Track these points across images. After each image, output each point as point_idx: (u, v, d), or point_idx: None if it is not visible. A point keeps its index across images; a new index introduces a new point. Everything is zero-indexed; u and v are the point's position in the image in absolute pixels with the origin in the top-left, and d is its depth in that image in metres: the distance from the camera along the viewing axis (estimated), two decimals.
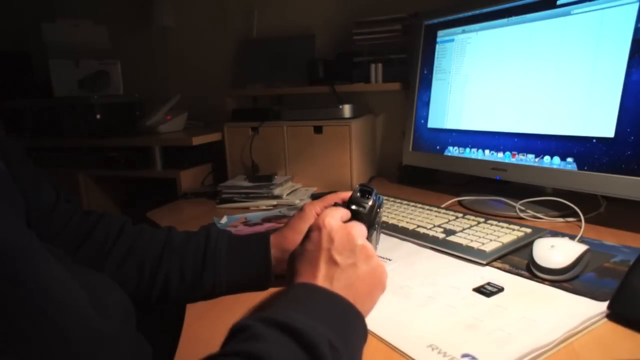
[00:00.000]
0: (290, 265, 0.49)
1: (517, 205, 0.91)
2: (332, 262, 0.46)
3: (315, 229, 0.49)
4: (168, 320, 0.63)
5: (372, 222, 0.55)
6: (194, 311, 0.59)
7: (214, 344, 0.50)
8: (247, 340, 0.35)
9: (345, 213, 0.53)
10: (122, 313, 0.50)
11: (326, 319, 0.39)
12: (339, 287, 0.44)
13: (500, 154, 0.98)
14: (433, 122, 1.16)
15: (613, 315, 0.50)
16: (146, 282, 0.60)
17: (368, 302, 0.47)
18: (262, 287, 0.62)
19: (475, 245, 0.71)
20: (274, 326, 0.36)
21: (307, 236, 0.49)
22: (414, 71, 1.21)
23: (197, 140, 1.33)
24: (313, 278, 0.45)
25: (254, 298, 0.60)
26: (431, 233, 0.78)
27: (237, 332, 0.37)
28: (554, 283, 0.59)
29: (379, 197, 0.57)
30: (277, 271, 0.62)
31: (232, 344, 0.36)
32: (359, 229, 0.49)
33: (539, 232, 0.76)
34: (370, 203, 0.55)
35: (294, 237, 0.61)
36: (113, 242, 0.61)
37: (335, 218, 0.49)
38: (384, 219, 0.87)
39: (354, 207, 0.55)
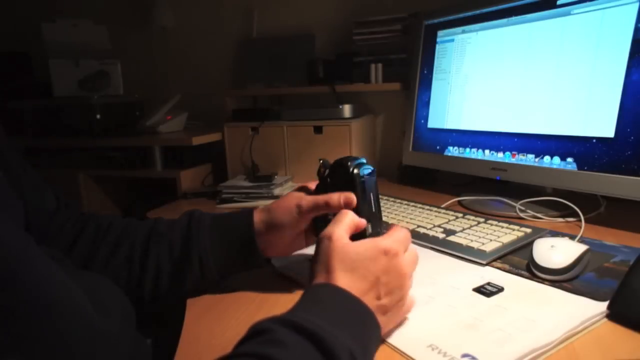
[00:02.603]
0: (321, 264, 0.47)
1: (517, 205, 0.91)
2: (376, 295, 0.45)
3: (383, 250, 0.46)
4: (168, 320, 0.63)
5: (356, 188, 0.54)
6: (194, 311, 0.59)
7: (214, 344, 0.51)
8: (266, 343, 0.35)
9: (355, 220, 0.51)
10: (121, 313, 0.50)
11: (349, 327, 0.39)
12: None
13: (500, 154, 0.98)
14: (433, 122, 1.16)
15: (613, 315, 0.50)
16: (137, 271, 0.59)
17: (386, 328, 0.47)
18: (250, 260, 0.60)
19: (475, 245, 0.71)
20: (296, 331, 0.36)
21: (370, 248, 0.47)
22: (414, 71, 1.21)
23: (197, 140, 1.33)
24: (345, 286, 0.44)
25: (254, 298, 0.61)
26: (431, 233, 0.78)
27: (256, 333, 0.36)
28: (554, 283, 0.59)
29: (363, 170, 0.55)
30: (264, 246, 0.60)
31: (250, 345, 0.36)
32: (412, 267, 0.49)
33: (539, 232, 0.76)
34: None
35: (278, 204, 0.60)
36: (103, 236, 0.60)
37: (403, 245, 0.48)
38: (384, 219, 0.86)
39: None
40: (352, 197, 0.55)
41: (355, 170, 0.55)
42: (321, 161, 0.58)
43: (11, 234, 0.37)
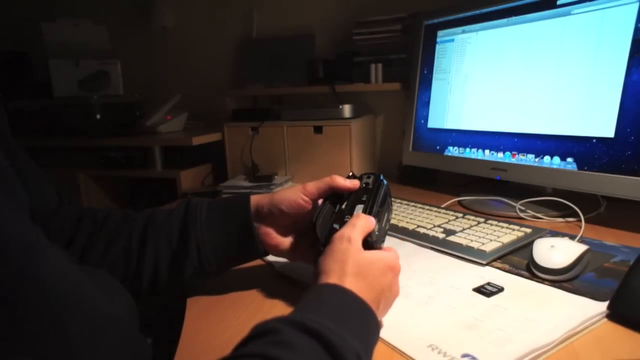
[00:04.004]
0: (337, 263, 0.47)
1: (517, 205, 0.91)
2: (377, 306, 0.46)
3: (391, 266, 0.50)
4: (168, 320, 0.63)
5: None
6: (194, 311, 0.59)
7: (215, 344, 0.51)
8: (273, 344, 0.34)
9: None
10: (126, 311, 0.50)
11: (355, 328, 0.40)
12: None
13: (500, 154, 0.98)
14: (433, 122, 1.16)
15: (613, 315, 0.50)
16: (135, 261, 0.58)
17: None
18: (248, 246, 0.59)
19: (475, 245, 0.71)
20: (303, 332, 0.35)
21: (381, 261, 0.49)
22: (414, 71, 1.21)
23: (197, 140, 1.33)
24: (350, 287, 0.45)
25: (254, 298, 0.61)
26: (431, 233, 0.78)
27: (261, 333, 0.36)
28: (554, 283, 0.59)
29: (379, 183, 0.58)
30: (263, 230, 0.59)
31: (255, 345, 0.35)
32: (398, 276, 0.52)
33: (539, 232, 0.76)
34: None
35: (281, 193, 0.60)
36: (100, 228, 0.60)
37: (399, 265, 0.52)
38: None
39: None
40: (356, 181, 0.58)
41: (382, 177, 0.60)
42: (351, 173, 0.61)
43: (22, 224, 0.36)
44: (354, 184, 0.58)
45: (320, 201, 0.60)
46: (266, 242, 0.60)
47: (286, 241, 0.61)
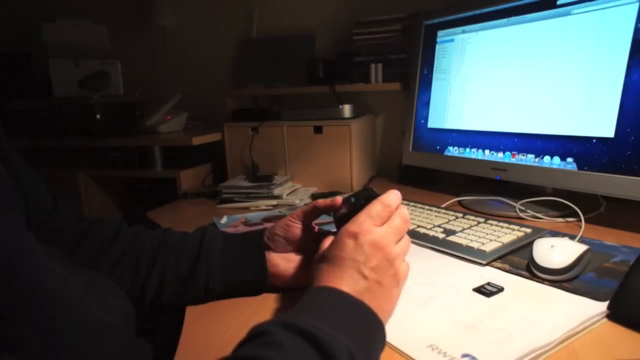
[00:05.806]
0: (315, 270, 0.49)
1: (517, 205, 0.91)
2: (361, 275, 0.46)
3: (349, 234, 0.48)
4: (168, 321, 0.63)
5: None
6: (194, 311, 0.59)
7: (214, 344, 0.51)
8: (265, 345, 0.35)
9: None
10: (121, 311, 0.50)
11: (348, 328, 0.40)
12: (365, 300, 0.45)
13: (500, 154, 0.99)
14: (433, 122, 1.16)
15: (613, 315, 0.50)
16: (142, 279, 0.59)
17: (387, 314, 0.49)
18: (257, 285, 0.61)
19: (475, 245, 0.71)
20: (295, 333, 0.36)
21: (338, 241, 0.49)
22: (414, 71, 1.21)
23: (197, 140, 1.33)
24: (338, 286, 0.45)
25: (254, 299, 0.60)
26: (431, 233, 0.78)
27: (256, 335, 0.36)
28: (554, 283, 0.59)
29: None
30: (272, 269, 0.61)
31: (249, 347, 0.36)
32: (390, 237, 0.49)
33: (539, 232, 0.76)
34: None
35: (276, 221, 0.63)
36: (109, 244, 0.60)
37: (375, 220, 0.49)
38: None
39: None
40: (338, 198, 0.58)
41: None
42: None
43: (12, 229, 0.36)
44: (334, 200, 0.58)
45: (313, 223, 0.62)
46: (273, 272, 0.61)
47: (290, 268, 0.61)
